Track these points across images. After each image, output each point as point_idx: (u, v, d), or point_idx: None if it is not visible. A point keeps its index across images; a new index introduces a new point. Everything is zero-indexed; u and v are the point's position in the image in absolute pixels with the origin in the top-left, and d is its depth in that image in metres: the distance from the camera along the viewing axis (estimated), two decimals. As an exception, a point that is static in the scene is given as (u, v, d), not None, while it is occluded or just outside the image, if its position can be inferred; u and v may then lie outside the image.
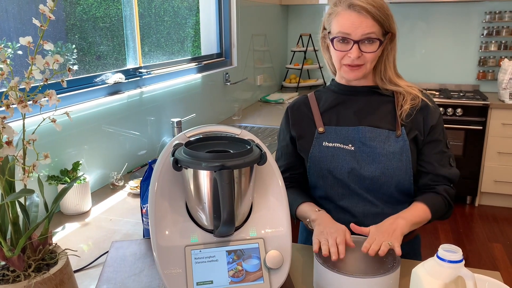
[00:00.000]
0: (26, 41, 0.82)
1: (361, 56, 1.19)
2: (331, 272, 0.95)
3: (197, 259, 0.92)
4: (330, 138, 1.28)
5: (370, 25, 1.16)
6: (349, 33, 1.17)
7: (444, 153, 1.27)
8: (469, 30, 3.95)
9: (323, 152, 1.27)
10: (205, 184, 0.91)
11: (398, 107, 1.26)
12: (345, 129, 1.27)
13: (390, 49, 1.26)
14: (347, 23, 1.17)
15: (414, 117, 1.25)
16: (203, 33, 3.05)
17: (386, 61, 1.26)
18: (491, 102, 3.53)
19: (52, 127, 0.86)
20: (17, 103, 0.76)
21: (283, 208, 1.00)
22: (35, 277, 0.80)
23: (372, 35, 1.17)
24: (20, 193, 0.76)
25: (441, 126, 1.27)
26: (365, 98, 1.30)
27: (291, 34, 4.42)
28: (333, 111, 1.31)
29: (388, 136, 1.23)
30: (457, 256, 0.72)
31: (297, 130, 1.34)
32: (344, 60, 1.22)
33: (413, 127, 1.25)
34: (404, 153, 1.22)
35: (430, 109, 1.26)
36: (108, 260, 1.09)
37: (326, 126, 1.29)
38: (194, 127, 1.05)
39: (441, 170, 1.25)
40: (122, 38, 2.17)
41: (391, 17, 1.21)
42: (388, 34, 1.22)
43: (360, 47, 1.18)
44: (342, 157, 1.25)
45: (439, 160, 1.26)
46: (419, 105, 1.25)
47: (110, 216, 1.51)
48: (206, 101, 2.74)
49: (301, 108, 1.37)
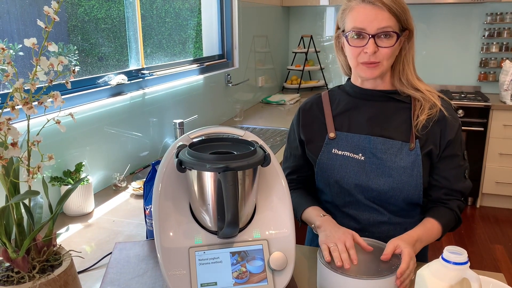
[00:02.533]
0: (31, 42, 0.82)
1: (378, 51, 1.13)
2: (335, 273, 0.95)
3: (201, 260, 0.92)
4: (340, 145, 1.23)
5: (386, 18, 1.11)
6: (364, 27, 1.12)
7: (460, 166, 1.21)
8: (470, 31, 3.95)
9: (332, 160, 1.23)
10: (209, 186, 0.91)
11: (414, 117, 1.19)
12: (357, 136, 1.22)
13: (408, 48, 1.20)
14: (361, 16, 1.12)
15: (430, 129, 1.18)
16: (204, 35, 3.05)
17: (404, 60, 1.21)
18: (493, 103, 3.53)
19: (54, 129, 0.86)
20: (22, 104, 0.76)
21: (286, 210, 1.00)
22: (39, 279, 0.80)
23: (388, 29, 1.12)
24: (25, 194, 0.76)
25: (459, 140, 1.20)
26: (380, 104, 1.24)
27: (292, 35, 4.42)
28: (346, 115, 1.26)
29: (401, 148, 1.18)
30: (462, 258, 0.72)
31: (307, 133, 1.30)
32: (360, 58, 1.16)
33: (429, 139, 1.18)
34: (415, 168, 1.17)
35: (448, 122, 1.19)
36: (111, 261, 1.09)
37: (337, 132, 1.24)
38: (198, 129, 1.05)
39: (456, 185, 1.20)
40: (124, 39, 2.17)
41: (408, 11, 1.15)
42: (405, 31, 1.17)
43: (376, 42, 1.12)
44: (350, 167, 1.21)
45: (455, 175, 1.20)
46: (436, 116, 1.18)
47: (113, 217, 1.51)
48: (208, 102, 2.74)
49: (313, 109, 1.32)
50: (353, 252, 1.01)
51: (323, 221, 1.16)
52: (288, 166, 1.36)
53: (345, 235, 1.06)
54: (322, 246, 1.05)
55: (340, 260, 0.99)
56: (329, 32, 4.35)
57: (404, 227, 1.17)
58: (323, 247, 1.04)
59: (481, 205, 3.82)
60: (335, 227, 1.12)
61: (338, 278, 0.95)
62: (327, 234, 1.09)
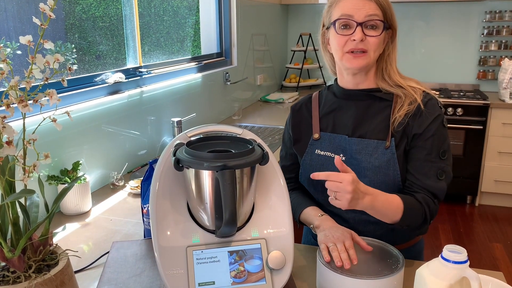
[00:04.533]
0: (26, 40, 0.81)
1: (365, 40, 1.14)
2: (334, 273, 0.94)
3: (198, 259, 0.91)
4: (323, 146, 1.25)
5: (374, 8, 1.13)
6: (352, 14, 1.13)
7: (429, 162, 1.15)
8: (469, 29, 3.94)
9: (314, 160, 1.25)
10: (207, 184, 0.91)
11: (393, 114, 1.18)
12: (339, 137, 1.23)
13: (391, 47, 1.22)
14: (349, 5, 1.14)
15: (406, 124, 1.17)
16: (203, 33, 3.04)
17: (387, 59, 1.22)
18: (492, 101, 3.53)
19: (52, 127, 0.85)
20: (18, 102, 0.75)
21: (285, 208, 1.00)
22: (35, 278, 0.79)
23: (375, 17, 1.13)
24: (21, 193, 0.75)
25: (429, 134, 1.15)
26: (363, 103, 1.23)
27: (291, 33, 4.41)
28: (331, 116, 1.27)
29: (376, 147, 1.18)
30: (461, 256, 0.72)
31: (295, 133, 1.32)
32: (346, 46, 1.15)
33: (403, 135, 1.17)
34: (391, 167, 1.16)
35: (420, 115, 1.16)
36: (108, 260, 1.08)
37: (322, 133, 1.26)
38: (196, 127, 1.04)
39: (422, 181, 1.14)
40: (122, 37, 2.16)
41: (392, 9, 1.18)
42: (389, 30, 1.19)
43: (363, 31, 1.13)
44: (330, 167, 1.19)
45: (421, 169, 1.15)
46: (412, 111, 1.16)
47: (111, 216, 1.51)
48: (206, 100, 2.74)
49: (302, 110, 1.34)
50: (353, 252, 1.00)
51: (321, 221, 1.16)
52: (284, 165, 1.36)
53: (344, 235, 1.05)
54: (321, 246, 1.04)
55: (340, 260, 0.98)
56: (328, 30, 4.34)
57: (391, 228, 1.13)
58: (322, 247, 1.03)
59: (480, 204, 3.82)
60: (334, 226, 1.12)
61: (338, 278, 0.94)
62: (326, 234, 1.08)
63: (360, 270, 0.95)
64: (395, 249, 1.03)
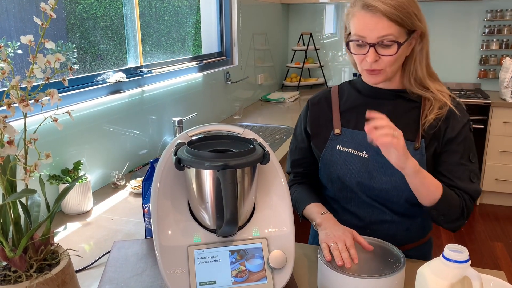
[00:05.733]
0: (28, 39, 0.81)
1: (379, 60, 1.12)
2: (336, 272, 0.94)
3: (200, 259, 0.91)
4: (345, 141, 1.22)
5: (386, 27, 1.07)
6: (364, 36, 1.10)
7: (462, 165, 1.16)
8: (470, 28, 3.94)
9: (335, 156, 1.22)
10: (208, 184, 0.91)
11: (423, 116, 1.17)
12: (362, 134, 1.19)
13: (420, 48, 1.15)
14: (361, 25, 1.10)
15: (437, 128, 1.16)
16: (203, 32, 3.04)
17: (416, 60, 1.16)
18: (493, 100, 3.52)
19: (53, 127, 0.85)
20: (19, 102, 0.75)
21: (286, 208, 0.99)
22: (37, 278, 0.79)
23: (388, 38, 1.08)
24: (22, 193, 0.75)
25: (461, 137, 1.16)
26: (390, 102, 1.21)
27: (292, 33, 4.41)
28: (353, 112, 1.24)
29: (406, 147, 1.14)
30: (463, 256, 0.72)
31: (313, 127, 1.29)
32: (363, 65, 1.15)
33: (434, 138, 1.16)
34: None
35: (452, 119, 1.16)
36: (110, 260, 1.08)
37: (343, 128, 1.23)
38: (196, 126, 1.04)
39: (456, 182, 1.15)
40: (123, 37, 2.16)
41: (414, 14, 1.10)
42: (414, 32, 1.12)
43: (377, 50, 1.10)
44: (353, 164, 1.19)
45: (455, 172, 1.15)
46: (444, 115, 1.16)
47: (112, 215, 1.51)
48: (207, 100, 2.74)
49: (321, 103, 1.31)
50: (354, 251, 1.00)
51: (323, 219, 1.15)
52: (294, 159, 1.35)
53: (345, 234, 1.05)
54: (322, 245, 1.04)
55: (341, 259, 0.98)
56: (329, 30, 4.34)
57: (406, 227, 1.15)
58: (323, 246, 1.03)
59: (481, 203, 3.82)
60: (335, 225, 1.11)
61: (339, 277, 0.94)
62: (327, 232, 1.08)
63: (361, 270, 0.95)
64: (396, 249, 1.03)
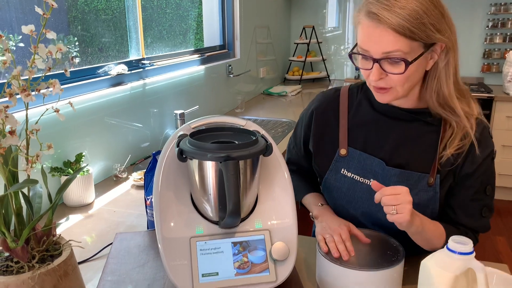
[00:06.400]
0: (29, 29, 0.80)
1: (387, 77, 0.96)
2: (333, 264, 0.94)
3: (202, 250, 0.91)
4: (351, 165, 1.10)
5: (392, 41, 0.91)
6: (368, 49, 0.95)
7: (475, 201, 1.05)
8: (474, 22, 3.91)
9: (339, 182, 1.12)
10: (211, 175, 0.90)
11: (441, 147, 1.02)
12: (370, 159, 1.07)
13: (446, 63, 0.98)
14: (366, 36, 0.95)
15: (455, 165, 1.03)
16: (205, 25, 3.03)
17: (441, 77, 0.99)
18: (496, 94, 3.50)
19: (54, 119, 0.85)
20: (20, 91, 0.74)
21: (288, 200, 0.99)
22: (39, 268, 0.79)
23: (395, 54, 0.92)
24: (24, 183, 0.75)
25: (480, 172, 1.03)
26: (406, 125, 1.06)
27: (294, 26, 4.39)
28: (362, 130, 1.11)
29: (418, 181, 1.04)
30: (467, 248, 0.71)
31: (317, 143, 1.18)
32: (369, 80, 1.00)
33: (450, 173, 1.04)
34: (430, 205, 1.04)
35: (472, 154, 1.02)
36: (112, 251, 1.08)
37: (350, 148, 1.10)
38: (199, 118, 1.03)
39: (464, 220, 1.06)
40: (125, 29, 2.15)
41: (431, 25, 0.92)
42: (434, 45, 0.96)
43: (382, 67, 0.94)
44: (358, 193, 1.10)
45: (465, 208, 1.06)
46: (466, 149, 1.01)
47: (114, 208, 1.50)
48: (209, 93, 2.73)
49: (327, 113, 1.16)
50: (349, 244, 0.98)
51: (320, 212, 1.15)
52: (290, 157, 1.34)
53: (341, 227, 1.04)
54: (318, 237, 1.03)
55: (337, 251, 0.97)
56: (331, 23, 4.31)
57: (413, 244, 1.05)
58: (318, 238, 1.03)
59: (483, 197, 3.81)
60: (331, 218, 1.11)
61: (337, 269, 0.93)
62: (323, 225, 1.08)
63: (359, 262, 0.95)
64: (395, 241, 1.02)
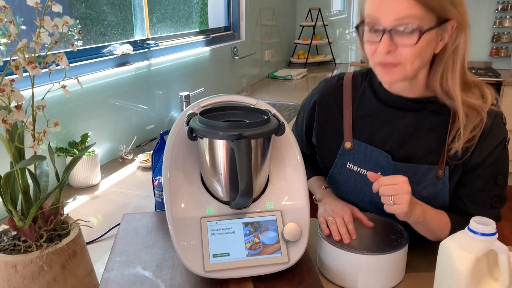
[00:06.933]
0: (34, 1, 0.77)
1: (395, 51, 0.89)
2: (334, 247, 0.92)
3: (213, 230, 0.89)
4: (357, 159, 1.06)
5: (407, 6, 0.84)
6: (378, 16, 0.88)
7: (485, 191, 1.00)
8: (482, 4, 3.84)
9: (345, 176, 1.08)
10: (221, 155, 0.88)
11: (449, 139, 0.97)
12: (377, 152, 1.03)
13: (457, 44, 0.91)
14: (376, 4, 0.88)
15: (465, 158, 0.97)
16: (210, 6, 2.97)
17: (449, 61, 0.92)
18: (504, 79, 3.45)
19: (60, 98, 0.82)
20: (26, 64, 0.71)
21: (300, 180, 0.97)
22: (47, 248, 0.77)
23: (408, 20, 0.85)
24: (31, 159, 0.73)
25: (489, 161, 0.99)
26: (412, 116, 1.01)
27: (300, 8, 4.32)
28: (367, 121, 1.06)
29: (426, 174, 0.99)
30: (490, 228, 0.69)
31: (320, 135, 1.14)
32: (375, 56, 0.92)
33: (459, 164, 0.99)
34: (440, 199, 0.99)
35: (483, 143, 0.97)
36: (120, 232, 1.06)
37: (355, 141, 1.06)
38: (209, 97, 1.01)
39: (473, 210, 0.99)
40: (130, 9, 2.11)
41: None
42: (446, 22, 0.88)
43: (393, 39, 0.87)
44: (365, 188, 1.05)
45: (474, 199, 1.01)
46: (475, 142, 0.95)
47: (120, 189, 1.49)
48: (214, 75, 2.69)
49: (330, 105, 1.11)
50: (352, 227, 0.96)
51: (323, 194, 1.13)
52: None
53: (344, 210, 1.02)
54: (320, 219, 1.01)
55: (338, 233, 0.94)
56: (337, 6, 4.24)
57: None
58: (320, 220, 1.01)
59: (489, 183, 3.79)
60: (334, 200, 1.09)
61: (337, 252, 0.91)
62: (325, 207, 1.06)
63: (362, 245, 0.92)
64: (400, 226, 0.99)
